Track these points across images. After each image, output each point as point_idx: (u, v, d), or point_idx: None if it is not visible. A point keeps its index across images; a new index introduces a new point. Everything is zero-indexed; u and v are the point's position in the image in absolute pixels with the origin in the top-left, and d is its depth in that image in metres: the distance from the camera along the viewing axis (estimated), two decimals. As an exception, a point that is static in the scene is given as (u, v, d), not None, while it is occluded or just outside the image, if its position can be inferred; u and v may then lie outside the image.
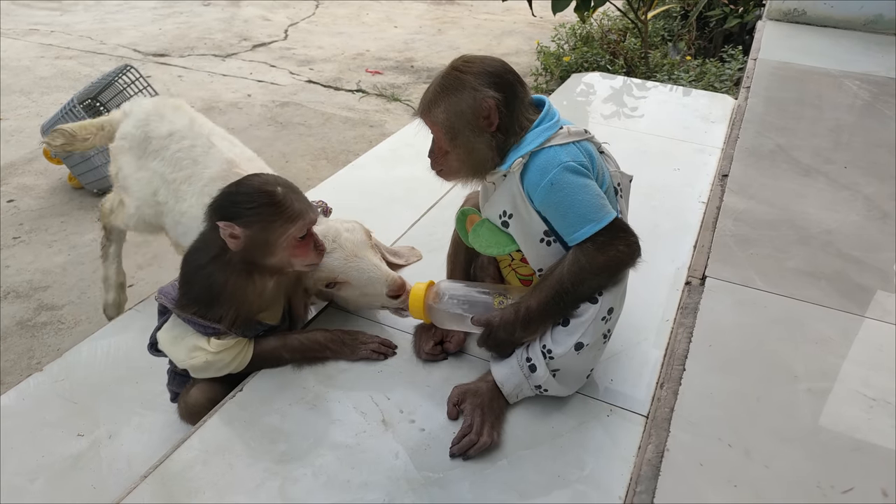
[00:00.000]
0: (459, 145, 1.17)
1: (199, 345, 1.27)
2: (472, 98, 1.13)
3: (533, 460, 1.17)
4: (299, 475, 1.14)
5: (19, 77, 4.42)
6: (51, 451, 1.38)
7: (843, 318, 1.48)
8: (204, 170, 1.64)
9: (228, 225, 1.19)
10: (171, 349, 1.31)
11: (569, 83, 3.33)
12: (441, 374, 1.36)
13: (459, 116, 1.14)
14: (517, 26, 6.22)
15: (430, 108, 1.17)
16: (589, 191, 1.12)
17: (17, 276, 2.44)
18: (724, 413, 1.22)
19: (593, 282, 1.13)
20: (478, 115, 1.14)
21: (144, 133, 1.73)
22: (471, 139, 1.16)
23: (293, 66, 4.92)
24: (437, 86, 1.17)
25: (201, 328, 1.27)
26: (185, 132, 1.70)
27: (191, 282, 1.28)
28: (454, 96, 1.14)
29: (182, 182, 1.67)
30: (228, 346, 1.28)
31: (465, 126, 1.15)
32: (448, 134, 1.16)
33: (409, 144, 2.61)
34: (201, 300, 1.26)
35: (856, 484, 1.08)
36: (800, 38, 3.79)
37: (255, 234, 1.21)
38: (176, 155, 1.68)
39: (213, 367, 1.29)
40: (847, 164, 2.24)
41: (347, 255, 1.39)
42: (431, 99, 1.17)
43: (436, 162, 1.22)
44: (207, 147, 1.67)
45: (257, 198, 1.20)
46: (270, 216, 1.20)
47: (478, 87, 1.13)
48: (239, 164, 1.64)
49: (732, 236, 1.79)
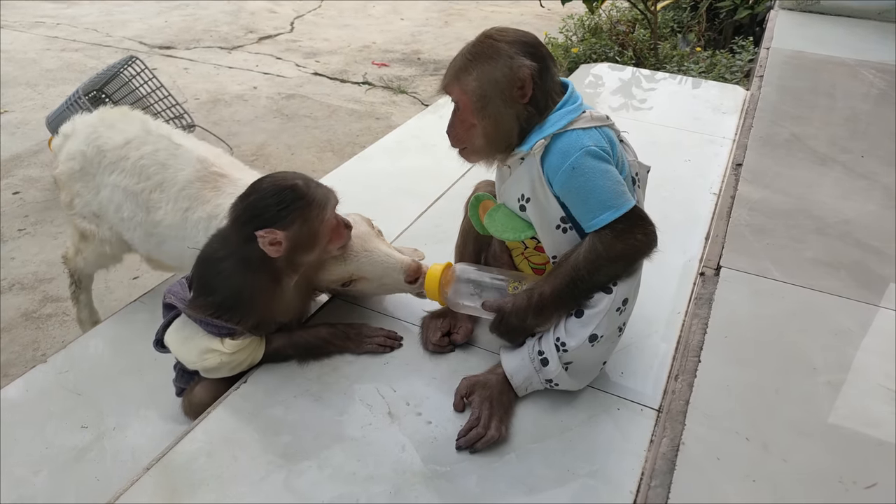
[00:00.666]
0: (488, 116, 1.12)
1: (211, 346, 1.25)
2: (507, 66, 1.09)
3: (542, 454, 1.14)
4: (304, 467, 1.11)
5: (25, 69, 4.42)
6: (55, 442, 1.37)
7: (862, 309, 1.45)
8: (176, 173, 1.53)
9: (269, 231, 1.16)
10: (180, 350, 1.29)
11: (577, 74, 3.29)
12: (448, 365, 1.34)
13: (493, 84, 1.10)
14: (525, 18, 6.16)
15: (460, 76, 1.11)
16: (610, 177, 1.08)
17: (23, 267, 2.43)
18: (742, 406, 1.19)
19: (609, 270, 1.10)
20: (512, 85, 1.09)
21: (96, 147, 1.59)
22: (501, 110, 1.11)
23: (299, 58, 4.90)
24: (467, 53, 1.12)
25: (214, 329, 1.24)
26: (144, 137, 1.58)
27: (211, 287, 1.24)
28: (488, 63, 1.09)
29: (152, 190, 1.55)
30: (243, 346, 1.26)
31: (498, 95, 1.10)
32: (478, 103, 1.11)
33: (415, 136, 2.58)
34: (225, 306, 1.23)
35: (879, 479, 1.05)
36: (813, 28, 3.73)
37: (297, 231, 1.19)
38: (139, 163, 1.55)
39: (226, 367, 1.27)
40: (864, 153, 2.19)
41: (357, 251, 1.36)
42: (461, 66, 1.11)
43: (458, 138, 1.16)
44: (173, 149, 1.56)
45: (286, 196, 1.18)
46: (305, 209, 1.19)
47: (513, 55, 1.09)
48: (212, 161, 1.56)
49: (748, 226, 1.75)
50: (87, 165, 1.62)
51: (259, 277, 1.22)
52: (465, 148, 1.18)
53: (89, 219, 1.70)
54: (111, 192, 1.61)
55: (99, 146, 1.60)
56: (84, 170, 1.63)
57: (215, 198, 1.50)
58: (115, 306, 2.05)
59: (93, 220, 1.70)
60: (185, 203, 1.53)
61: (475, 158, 1.19)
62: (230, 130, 3.64)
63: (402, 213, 1.96)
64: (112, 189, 1.60)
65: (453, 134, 1.16)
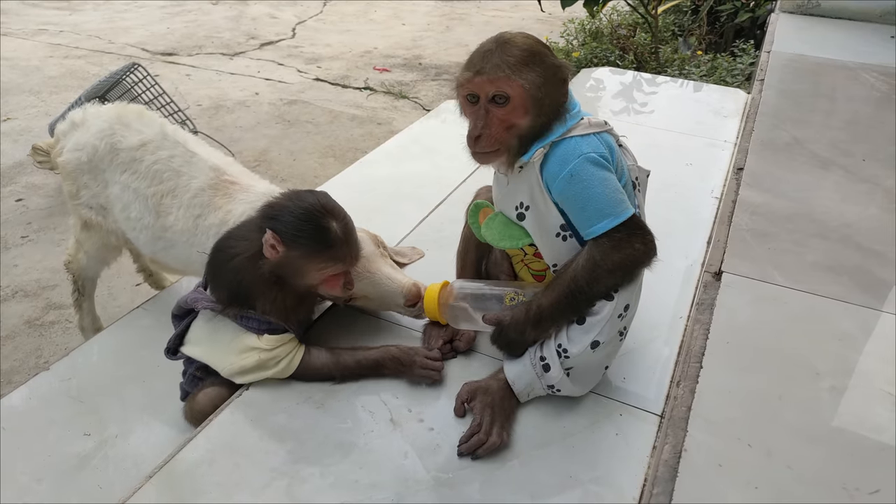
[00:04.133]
0: (542, 113, 1.09)
1: (250, 344, 1.24)
2: (559, 66, 1.09)
3: (544, 460, 1.14)
4: (307, 475, 1.11)
5: (28, 77, 4.44)
6: (57, 450, 1.37)
7: (865, 314, 1.44)
8: (190, 181, 1.55)
9: (274, 236, 1.18)
10: (214, 355, 1.28)
11: (578, 79, 3.29)
12: (451, 372, 1.33)
13: (551, 81, 1.07)
14: (526, 22, 6.17)
15: (520, 70, 1.04)
16: (608, 184, 1.08)
17: (26, 275, 2.44)
18: (744, 412, 1.19)
19: (608, 280, 1.09)
20: (564, 83, 1.10)
21: (109, 144, 1.59)
22: (552, 106, 1.09)
23: (301, 64, 4.91)
24: (519, 49, 1.06)
25: (255, 324, 1.24)
26: (160, 142, 1.58)
27: (218, 273, 1.27)
28: (546, 62, 1.07)
29: (164, 195, 1.56)
30: (284, 342, 1.26)
31: (555, 91, 1.08)
32: (535, 98, 1.06)
33: (416, 141, 2.58)
34: (230, 295, 1.24)
35: (882, 486, 1.04)
36: (814, 31, 3.73)
37: (294, 258, 1.20)
38: (153, 167, 1.56)
39: (264, 366, 1.26)
40: (865, 156, 2.19)
41: (361, 272, 1.38)
42: (519, 60, 1.05)
43: (493, 139, 1.08)
44: (188, 156, 1.57)
45: (313, 231, 1.19)
46: (317, 251, 1.20)
47: (552, 55, 1.09)
48: (225, 170, 1.57)
49: (749, 230, 1.75)
50: (97, 160, 1.62)
51: (254, 269, 1.22)
52: (498, 149, 1.11)
53: (96, 210, 1.71)
54: (121, 190, 1.61)
55: (113, 144, 1.60)
56: (92, 163, 1.63)
57: (226, 204, 1.52)
58: (118, 313, 2.05)
59: (100, 212, 1.71)
60: (196, 210, 1.54)
61: (499, 160, 1.14)
62: (232, 136, 3.65)
63: (403, 218, 1.96)
64: (122, 188, 1.61)
65: (489, 133, 1.08)
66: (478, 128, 1.08)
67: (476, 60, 1.08)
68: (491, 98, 1.07)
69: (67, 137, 1.67)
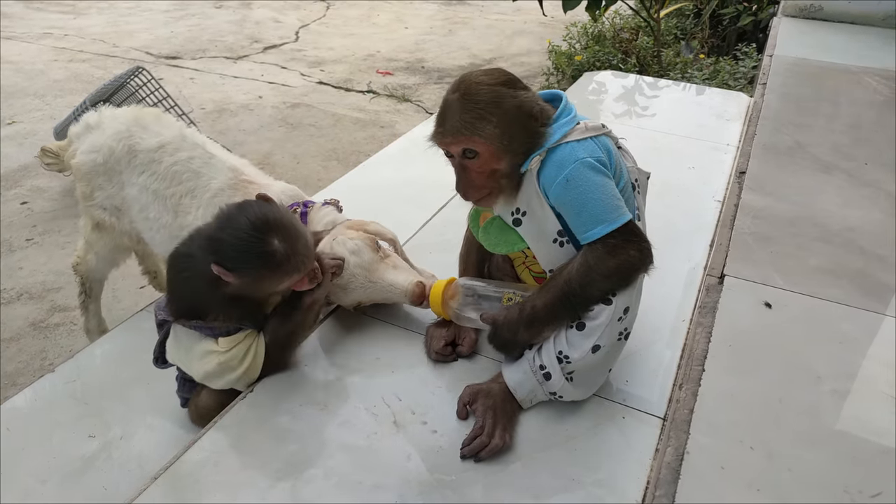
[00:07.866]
0: (517, 152, 1.10)
1: (208, 348, 1.26)
2: (520, 104, 1.09)
3: (547, 463, 1.14)
4: (310, 476, 1.12)
5: (33, 80, 4.46)
6: (62, 452, 1.38)
7: (867, 318, 1.44)
8: (209, 181, 1.58)
9: (221, 271, 1.15)
10: (184, 361, 1.30)
11: (581, 82, 3.30)
12: (454, 375, 1.34)
13: (516, 124, 1.09)
14: (528, 26, 6.19)
15: (476, 126, 1.07)
16: (605, 190, 1.08)
17: (31, 277, 2.45)
18: (746, 415, 1.19)
19: (602, 285, 1.09)
20: (529, 116, 1.10)
21: (127, 146, 1.62)
22: (525, 142, 1.10)
23: (304, 67, 4.93)
24: (475, 101, 1.08)
25: (208, 331, 1.25)
26: (178, 143, 1.61)
27: (179, 293, 1.26)
28: (504, 105, 1.08)
29: (183, 196, 1.59)
30: (238, 341, 1.27)
31: (520, 130, 1.09)
32: (502, 145, 1.08)
33: (419, 145, 2.58)
34: (182, 308, 1.24)
35: (884, 488, 1.05)
36: (816, 34, 3.73)
37: (248, 282, 1.18)
38: (172, 169, 1.59)
39: (227, 368, 1.26)
40: (868, 160, 2.19)
41: (363, 283, 1.40)
42: (477, 116, 1.07)
43: (479, 187, 1.12)
44: (207, 157, 1.60)
45: (255, 258, 1.15)
46: (265, 274, 1.18)
47: (512, 92, 1.09)
48: (242, 170, 1.60)
49: (751, 234, 1.75)
50: (113, 162, 1.64)
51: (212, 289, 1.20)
52: (490, 193, 1.14)
53: (110, 211, 1.72)
54: (139, 192, 1.64)
55: (131, 146, 1.62)
56: (107, 164, 1.65)
57: None
58: (123, 315, 2.06)
59: (114, 213, 1.73)
60: (213, 210, 1.55)
61: (497, 199, 1.16)
62: (236, 139, 3.67)
63: (406, 221, 1.97)
64: (140, 189, 1.63)
65: (473, 185, 1.13)
66: (461, 181, 1.14)
67: (440, 116, 1.13)
68: (462, 153, 1.11)
69: (82, 139, 1.69)
